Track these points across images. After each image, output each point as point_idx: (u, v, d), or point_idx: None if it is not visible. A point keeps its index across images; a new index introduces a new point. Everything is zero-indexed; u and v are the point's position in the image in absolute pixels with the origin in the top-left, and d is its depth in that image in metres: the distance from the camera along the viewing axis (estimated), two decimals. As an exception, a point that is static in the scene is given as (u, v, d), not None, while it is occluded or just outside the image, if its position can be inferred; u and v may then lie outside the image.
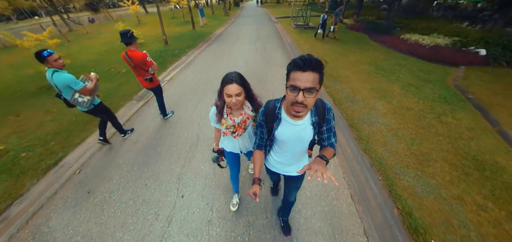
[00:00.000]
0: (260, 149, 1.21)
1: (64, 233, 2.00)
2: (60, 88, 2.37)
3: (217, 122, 1.38)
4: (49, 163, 2.82)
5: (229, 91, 1.12)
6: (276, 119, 1.05)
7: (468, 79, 4.74)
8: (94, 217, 2.11)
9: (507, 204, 2.06)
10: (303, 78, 0.76)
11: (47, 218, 2.16)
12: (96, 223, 2.05)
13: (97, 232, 1.97)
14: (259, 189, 1.05)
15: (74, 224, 2.07)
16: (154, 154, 2.87)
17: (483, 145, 2.76)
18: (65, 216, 2.15)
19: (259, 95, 1.39)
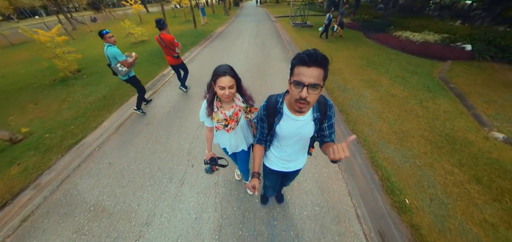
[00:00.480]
0: (260, 144, 1.21)
1: (91, 194, 2.34)
2: (110, 59, 3.16)
3: (207, 116, 1.35)
4: (70, 142, 3.16)
5: (222, 83, 1.11)
6: (278, 114, 1.04)
7: (453, 71, 5.10)
8: (116, 182, 2.46)
9: (470, 169, 2.42)
10: (308, 73, 0.74)
11: (75, 184, 2.50)
12: (118, 186, 2.40)
13: (120, 192, 2.32)
14: (258, 183, 1.09)
15: (99, 187, 2.41)
16: (166, 133, 3.22)
17: (457, 125, 3.12)
18: (90, 182, 2.50)
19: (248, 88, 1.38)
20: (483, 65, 5.66)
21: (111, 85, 4.92)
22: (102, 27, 4.39)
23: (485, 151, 2.65)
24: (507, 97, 3.87)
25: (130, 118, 3.67)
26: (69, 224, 2.05)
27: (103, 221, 2.04)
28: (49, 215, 2.15)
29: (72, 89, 4.89)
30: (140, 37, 8.87)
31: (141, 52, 7.38)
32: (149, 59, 6.75)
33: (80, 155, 2.94)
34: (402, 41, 7.15)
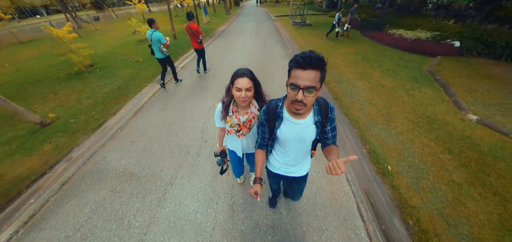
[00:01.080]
0: (262, 149, 1.20)
1: (119, 164, 2.72)
2: (153, 41, 4.08)
3: (222, 119, 1.36)
4: (94, 125, 3.54)
5: (239, 84, 1.11)
6: (278, 118, 1.04)
7: (441, 66, 5.50)
8: (140, 155, 2.84)
9: (445, 143, 2.81)
10: (304, 76, 0.74)
11: (103, 157, 2.88)
12: (142, 158, 2.78)
13: (144, 162, 2.70)
14: (260, 188, 1.06)
15: (125, 159, 2.79)
16: (180, 117, 3.61)
17: (438, 109, 3.52)
18: (117, 156, 2.88)
19: (267, 94, 1.36)
20: (471, 60, 6.05)
21: (124, 78, 5.30)
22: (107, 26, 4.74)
23: (460, 129, 3.05)
24: (486, 87, 4.27)
25: (145, 105, 4.06)
26: (103, 185, 2.43)
27: (132, 183, 2.43)
28: (85, 180, 2.54)
29: (87, 82, 5.26)
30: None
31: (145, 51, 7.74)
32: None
33: (104, 136, 3.32)
34: (396, 39, 7.56)
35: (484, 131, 3.05)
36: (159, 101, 4.21)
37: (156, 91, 4.64)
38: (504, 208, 2.05)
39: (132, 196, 2.28)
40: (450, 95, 3.99)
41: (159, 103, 4.13)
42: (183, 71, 5.81)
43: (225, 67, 5.97)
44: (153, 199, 2.23)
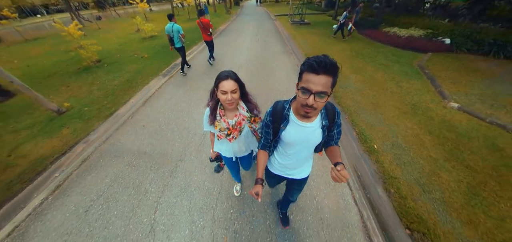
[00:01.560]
0: (265, 149, 1.19)
1: (133, 144, 3.02)
2: (174, 33, 4.81)
3: (210, 124, 1.31)
4: (107, 113, 3.84)
5: (224, 87, 1.08)
6: (284, 120, 1.03)
7: (431, 61, 5.81)
8: (151, 137, 3.14)
9: (426, 126, 3.12)
10: (316, 81, 0.73)
11: (117, 139, 3.18)
12: (154, 139, 3.08)
13: (156, 143, 3.00)
14: (261, 189, 1.05)
15: (138, 140, 3.09)
16: (186, 105, 3.91)
17: (423, 98, 3.83)
18: (130, 138, 3.18)
19: (252, 95, 1.33)
20: (460, 56, 6.37)
21: (131, 72, 5.60)
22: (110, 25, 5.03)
23: (441, 115, 3.36)
24: (471, 79, 4.58)
25: (153, 96, 4.36)
26: (120, 161, 2.73)
27: (146, 159, 2.73)
28: (103, 157, 2.84)
29: (96, 75, 5.56)
30: (150, 33, 9.55)
31: (152, 46, 8.06)
32: (161, 51, 7.42)
33: (117, 122, 3.62)
34: (390, 36, 7.88)
35: (463, 116, 3.36)
36: (166, 92, 4.51)
37: (163, 83, 4.94)
38: (473, 178, 2.36)
39: (147, 169, 2.58)
40: (436, 86, 4.30)
41: (166, 94, 4.43)
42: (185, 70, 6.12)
43: (227, 63, 6.27)
44: (165, 171, 2.53)
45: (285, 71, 5.42)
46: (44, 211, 2.19)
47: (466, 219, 1.99)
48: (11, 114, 3.98)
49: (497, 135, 2.96)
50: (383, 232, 1.99)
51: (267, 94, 4.28)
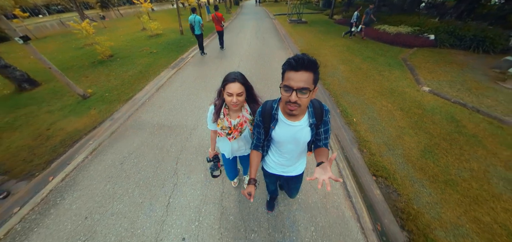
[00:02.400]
0: (257, 150, 1.21)
1: (153, 119, 3.60)
2: (195, 22, 6.10)
3: (213, 122, 1.35)
4: (126, 97, 4.42)
5: (230, 90, 1.10)
6: (273, 120, 1.05)
7: (414, 55, 6.40)
8: (168, 114, 3.73)
9: (399, 104, 3.70)
10: (297, 78, 0.76)
11: (139, 116, 3.76)
12: (170, 115, 3.67)
13: (173, 118, 3.59)
14: (254, 190, 1.06)
15: (158, 116, 3.68)
16: (196, 90, 4.51)
17: (400, 84, 4.41)
18: (150, 115, 3.76)
19: (260, 96, 1.34)
20: (443, 51, 6.96)
21: (142, 65, 6.18)
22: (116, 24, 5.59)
23: (413, 96, 3.95)
24: (446, 69, 5.17)
25: (165, 84, 4.94)
26: (143, 132, 3.31)
27: (165, 129, 3.31)
28: (128, 129, 3.41)
29: (111, 68, 6.14)
30: (156, 31, 10.13)
31: (159, 43, 8.65)
32: (168, 48, 8.00)
33: (136, 104, 4.19)
34: (380, 33, 8.46)
35: (432, 97, 3.95)
36: (176, 81, 5.10)
37: (173, 74, 5.52)
38: (429, 140, 2.95)
39: (167, 135, 3.16)
40: (414, 75, 4.89)
41: (176, 83, 5.01)
42: (193, 59, 6.70)
43: (231, 55, 6.85)
44: (182, 137, 3.12)
45: (280, 62, 5.99)
46: (86, 165, 2.77)
47: (419, 167, 2.57)
48: (42, 99, 4.56)
49: (457, 111, 3.55)
50: (355, 178, 2.57)
51: (265, 81, 4.86)
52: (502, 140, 2.92)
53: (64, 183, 2.53)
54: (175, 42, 8.64)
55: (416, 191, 2.29)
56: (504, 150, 2.75)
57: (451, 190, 2.28)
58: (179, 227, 1.99)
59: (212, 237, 1.90)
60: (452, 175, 2.44)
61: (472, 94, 4.04)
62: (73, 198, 2.32)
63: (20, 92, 5.01)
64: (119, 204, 2.21)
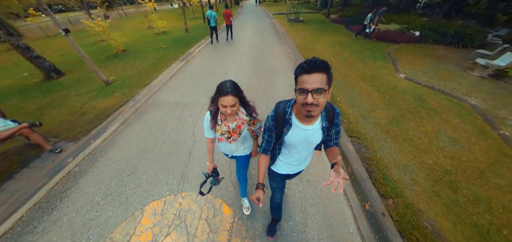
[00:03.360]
0: (266, 153, 1.22)
1: (169, 99, 4.28)
2: (212, 17, 7.80)
3: (211, 128, 1.38)
4: (143, 84, 5.09)
5: (224, 102, 1.14)
6: (287, 124, 1.07)
7: (399, 49, 7.09)
8: (183, 95, 4.41)
9: (376, 87, 4.39)
10: (310, 80, 0.78)
11: (157, 97, 4.44)
12: (184, 96, 4.35)
13: (186, 97, 4.27)
14: (263, 194, 1.09)
15: (173, 97, 4.36)
16: (203, 77, 5.18)
17: (381, 72, 5.10)
18: (166, 96, 4.44)
19: (251, 100, 1.39)
20: (426, 46, 7.65)
21: (154, 58, 6.86)
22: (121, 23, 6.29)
23: (390, 81, 4.64)
24: (424, 61, 5.86)
25: (176, 73, 5.63)
26: (163, 108, 3.99)
27: (181, 106, 4.00)
28: (149, 108, 4.09)
29: (126, 61, 6.82)
30: (162, 29, 10.82)
31: (166, 39, 9.35)
32: (175, 43, 8.69)
33: (153, 88, 4.88)
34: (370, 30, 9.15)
35: (405, 82, 4.64)
36: (186, 71, 5.78)
37: (182, 65, 6.21)
38: (397, 112, 3.63)
39: (183, 110, 3.85)
40: (394, 65, 5.58)
41: (187, 72, 5.70)
42: (200, 53, 7.39)
43: (233, 53, 7.54)
44: (196, 111, 3.81)
45: (278, 56, 6.71)
46: (120, 131, 3.45)
47: (385, 130, 3.25)
48: (69, 86, 5.24)
49: (425, 93, 4.24)
50: (335, 140, 3.25)
51: (264, 71, 5.54)
52: (456, 112, 3.61)
53: (105, 143, 3.21)
54: (181, 39, 9.34)
55: (380, 146, 2.97)
56: (456, 119, 3.44)
57: (407, 144, 2.96)
58: (199, 167, 2.67)
59: (224, 173, 2.58)
60: (410, 135, 3.12)
61: (441, 80, 4.73)
62: (114, 151, 3.01)
63: (48, 80, 5.70)
64: (152, 154, 2.89)
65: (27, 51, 5.24)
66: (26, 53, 5.22)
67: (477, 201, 2.18)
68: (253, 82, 4.86)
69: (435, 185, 2.37)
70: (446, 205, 2.17)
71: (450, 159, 2.69)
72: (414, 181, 2.44)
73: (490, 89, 4.36)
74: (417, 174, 2.52)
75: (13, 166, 2.86)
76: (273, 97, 4.20)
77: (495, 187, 2.31)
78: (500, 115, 3.50)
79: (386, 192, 2.32)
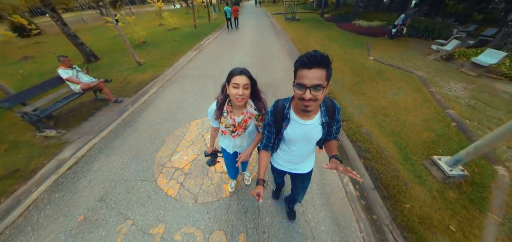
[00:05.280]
0: (266, 150, 1.21)
1: (192, 73, 5.63)
2: (228, 11, 11.67)
3: (216, 118, 1.35)
4: (168, 64, 6.43)
5: (237, 81, 1.10)
6: (285, 119, 1.07)
7: (377, 41, 8.47)
8: (201, 71, 5.75)
9: (350, 67, 5.75)
10: (310, 75, 0.77)
11: (182, 72, 5.79)
12: (203, 71, 5.70)
13: (206, 71, 5.62)
14: (263, 190, 1.07)
15: (195, 72, 5.70)
16: (215, 60, 6.53)
17: (357, 57, 6.47)
18: (189, 72, 5.78)
19: (263, 92, 1.33)
20: (400, 39, 9.02)
21: (171, 48, 8.20)
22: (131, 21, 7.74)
23: (361, 61, 6.00)
24: (394, 49, 7.24)
25: (193, 58, 6.98)
26: (189, 79, 5.34)
27: (202, 77, 5.35)
28: (177, 78, 5.43)
29: (148, 50, 8.15)
30: (173, 25, 12.20)
31: (179, 34, 10.71)
32: (187, 37, 10.05)
33: (177, 67, 6.21)
34: (356, 27, 10.55)
35: (373, 62, 6.01)
36: (201, 56, 7.14)
37: (196, 53, 7.56)
38: (360, 79, 4.98)
39: (204, 79, 5.20)
40: (368, 52, 6.95)
41: (201, 57, 7.07)
42: (209, 45, 8.76)
43: (238, 45, 8.91)
44: (213, 79, 5.16)
45: (275, 47, 8.09)
46: (159, 92, 4.78)
47: (348, 89, 4.59)
48: (108, 66, 6.56)
49: (385, 68, 5.59)
50: (314, 97, 4.61)
51: (263, 56, 6.89)
52: (404, 79, 4.96)
53: (151, 97, 4.55)
54: (191, 34, 10.70)
55: (343, 97, 4.31)
56: (402, 83, 4.79)
57: (362, 95, 4.30)
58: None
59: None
60: (366, 91, 4.46)
61: (401, 61, 6.09)
62: (160, 100, 4.35)
63: (88, 63, 7.01)
64: (188, 100, 4.25)
65: (75, 38, 6.57)
66: (74, 39, 6.56)
67: (397, 121, 3.51)
68: (254, 63, 6.21)
69: (373, 114, 3.71)
70: (378, 123, 3.50)
71: (389, 102, 4.04)
72: (361, 112, 3.78)
73: (437, 66, 5.72)
74: (363, 109, 3.87)
75: (90, 110, 4.18)
76: (269, 72, 5.56)
77: (412, 115, 3.65)
78: (434, 80, 4.87)
79: (342, 119, 3.66)
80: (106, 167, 2.71)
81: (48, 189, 2.46)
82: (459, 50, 6.29)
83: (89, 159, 2.87)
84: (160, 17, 12.25)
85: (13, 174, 2.70)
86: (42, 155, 2.97)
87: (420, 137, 3.12)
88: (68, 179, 2.57)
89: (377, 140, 3.12)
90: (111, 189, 2.38)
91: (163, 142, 3.13)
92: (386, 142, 3.07)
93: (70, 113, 4.04)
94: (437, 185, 2.40)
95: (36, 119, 3.17)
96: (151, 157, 2.82)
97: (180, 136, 3.23)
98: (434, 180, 2.47)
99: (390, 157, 2.80)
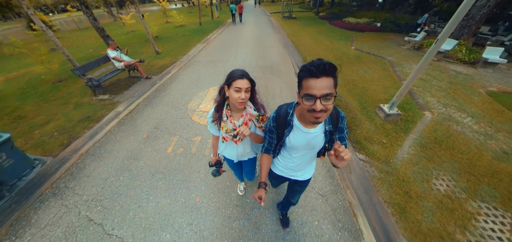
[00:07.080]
0: (268, 153, 1.21)
1: (205, 59, 6.81)
2: (233, 8, 14.35)
3: (212, 121, 1.32)
4: (182, 53, 7.60)
5: (239, 85, 1.07)
6: (288, 126, 1.05)
7: (362, 35, 9.68)
8: (211, 57, 6.94)
9: (333, 53, 6.96)
10: (318, 85, 0.74)
11: (195, 59, 6.97)
12: (213, 58, 6.88)
13: (216, 57, 6.81)
14: (265, 193, 1.07)
15: (206, 59, 6.88)
16: (222, 49, 7.72)
17: (340, 46, 7.68)
18: (201, 58, 6.96)
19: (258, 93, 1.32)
20: (384, 33, 10.23)
21: (182, 42, 9.37)
22: (138, 19, 8.88)
23: (344, 51, 7.20)
24: (374, 42, 8.44)
25: (202, 50, 8.15)
26: (201, 64, 6.52)
27: (212, 62, 6.53)
28: (192, 64, 6.61)
29: (161, 43, 9.31)
30: (180, 23, 13.37)
31: (186, 30, 11.88)
32: (194, 33, 11.22)
33: (190, 56, 7.38)
34: (345, 23, 11.76)
35: (354, 51, 7.22)
36: (209, 47, 8.32)
37: (204, 45, 8.73)
38: (341, 62, 6.17)
39: (214, 63, 6.37)
40: (352, 43, 8.15)
41: (209, 48, 8.24)
42: (215, 40, 9.95)
43: (239, 39, 10.09)
44: (222, 62, 6.34)
45: (272, 39, 9.31)
46: (179, 72, 5.94)
47: (331, 70, 5.79)
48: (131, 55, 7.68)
49: (363, 55, 6.78)
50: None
51: (262, 47, 8.07)
52: (376, 62, 6.14)
53: (173, 75, 5.71)
54: (198, 30, 11.88)
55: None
56: (374, 65, 5.97)
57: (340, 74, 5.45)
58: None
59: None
60: (343, 71, 5.64)
61: (377, 50, 7.30)
62: (182, 76, 5.52)
63: (112, 53, 8.14)
64: (204, 78, 5.40)
65: (102, 31, 7.71)
66: (101, 32, 7.70)
67: (363, 88, 4.69)
68: (255, 52, 7.40)
69: (345, 84, 4.90)
70: (348, 89, 4.68)
71: (359, 77, 5.22)
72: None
73: (406, 54, 6.93)
74: (338, 81, 5.05)
75: (128, 84, 5.32)
76: (267, 58, 6.76)
77: (375, 85, 4.82)
78: (400, 63, 6.07)
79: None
80: (154, 112, 3.88)
81: (115, 125, 3.62)
82: (427, 41, 7.50)
83: (139, 110, 4.04)
84: (166, 15, 13.39)
85: (86, 119, 3.86)
86: (103, 109, 4.13)
87: (377, 97, 4.31)
88: (128, 120, 3.74)
89: (345, 99, 4.30)
90: (161, 122, 3.56)
91: (191, 98, 4.31)
92: (352, 100, 4.26)
93: (112, 86, 5.19)
94: (380, 121, 3.58)
95: (97, 84, 4.33)
96: (184, 106, 4.00)
97: (202, 95, 4.42)
98: (379, 119, 3.65)
99: (353, 108, 3.98)
